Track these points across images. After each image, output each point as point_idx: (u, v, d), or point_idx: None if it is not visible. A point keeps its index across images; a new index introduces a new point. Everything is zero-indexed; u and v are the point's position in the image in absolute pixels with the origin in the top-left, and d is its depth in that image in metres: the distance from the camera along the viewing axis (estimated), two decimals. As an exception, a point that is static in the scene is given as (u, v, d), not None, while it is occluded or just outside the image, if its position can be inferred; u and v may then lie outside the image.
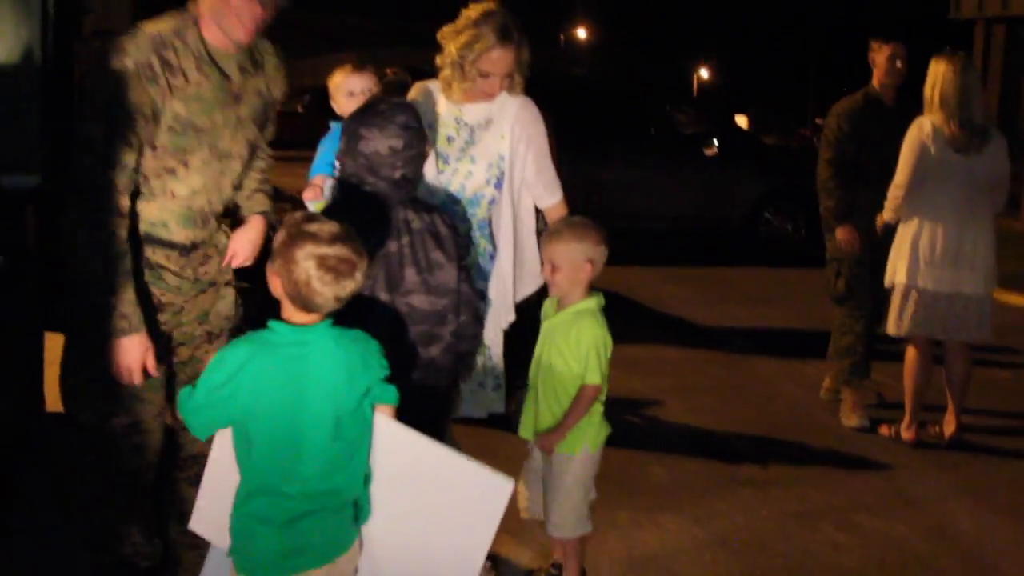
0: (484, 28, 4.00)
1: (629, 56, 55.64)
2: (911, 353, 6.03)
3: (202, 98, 3.23)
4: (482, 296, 4.04)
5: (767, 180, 13.18)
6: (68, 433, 3.40)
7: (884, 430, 6.16)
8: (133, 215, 3.21)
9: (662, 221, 12.88)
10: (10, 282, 3.77)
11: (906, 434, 6.01)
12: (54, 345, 4.95)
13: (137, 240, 3.25)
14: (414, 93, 4.29)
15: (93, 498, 3.55)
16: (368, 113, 3.39)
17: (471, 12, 4.08)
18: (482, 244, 4.18)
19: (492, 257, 4.19)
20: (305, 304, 2.66)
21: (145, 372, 3.22)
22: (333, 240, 2.64)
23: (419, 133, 3.39)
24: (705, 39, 60.67)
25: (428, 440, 2.90)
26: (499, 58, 4.01)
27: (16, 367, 4.42)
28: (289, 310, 2.71)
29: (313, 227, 2.66)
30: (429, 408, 3.41)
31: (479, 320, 3.61)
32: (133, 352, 3.17)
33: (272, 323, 2.70)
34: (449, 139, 4.13)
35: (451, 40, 4.07)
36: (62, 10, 3.39)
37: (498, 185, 4.15)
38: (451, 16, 4.17)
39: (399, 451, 2.88)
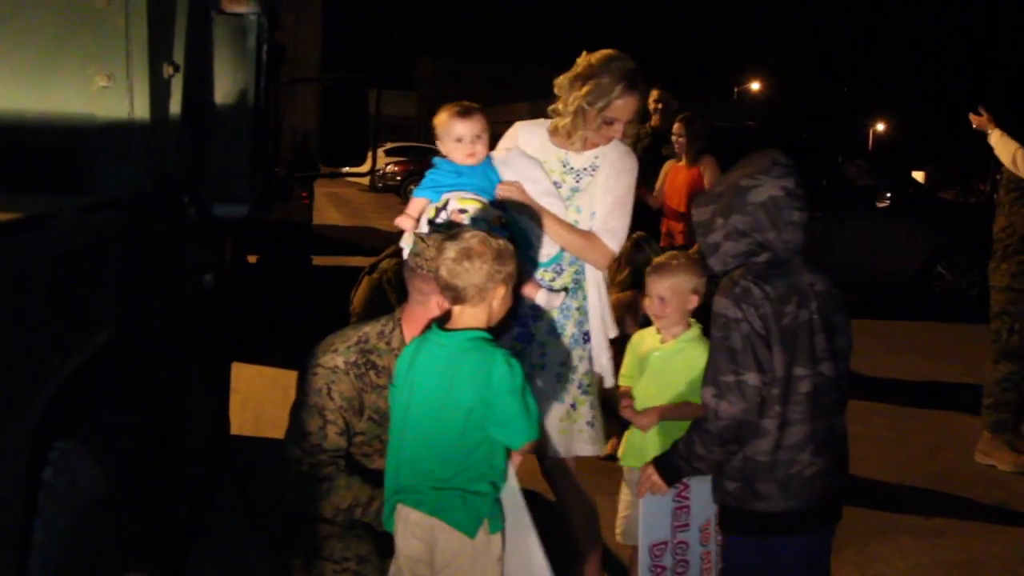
0: (611, 75, 3.88)
1: (802, 109, 55.03)
2: None
3: None
4: (587, 338, 4.04)
5: (941, 234, 12.98)
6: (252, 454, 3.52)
7: None
8: None
9: (832, 272, 12.69)
10: (215, 302, 4.08)
11: None
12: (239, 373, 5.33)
13: None
14: (515, 133, 4.13)
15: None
16: (739, 164, 3.22)
17: (592, 59, 3.95)
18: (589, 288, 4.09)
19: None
20: None
21: None
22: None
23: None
24: (882, 94, 59.59)
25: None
26: (626, 105, 3.91)
27: (218, 387, 4.75)
28: None
29: None
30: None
31: None
32: None
33: None
34: (556, 185, 3.99)
35: (572, 88, 3.95)
36: (271, 59, 3.68)
37: None
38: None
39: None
